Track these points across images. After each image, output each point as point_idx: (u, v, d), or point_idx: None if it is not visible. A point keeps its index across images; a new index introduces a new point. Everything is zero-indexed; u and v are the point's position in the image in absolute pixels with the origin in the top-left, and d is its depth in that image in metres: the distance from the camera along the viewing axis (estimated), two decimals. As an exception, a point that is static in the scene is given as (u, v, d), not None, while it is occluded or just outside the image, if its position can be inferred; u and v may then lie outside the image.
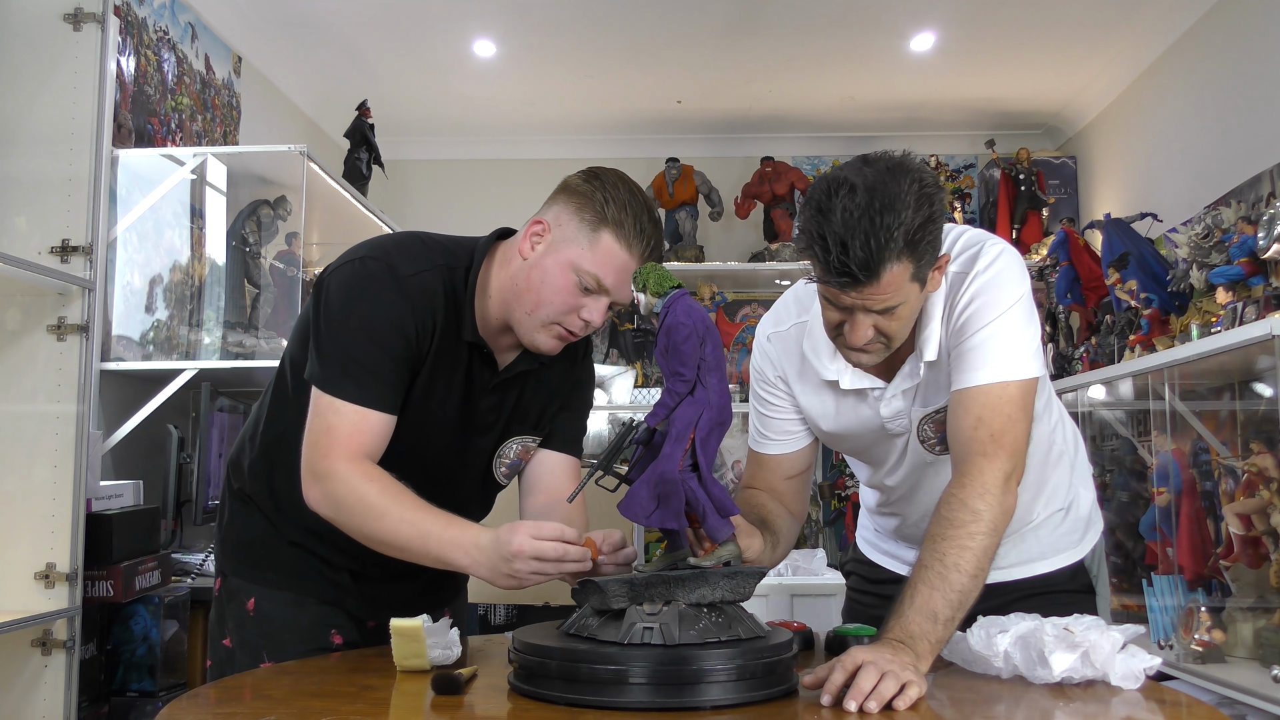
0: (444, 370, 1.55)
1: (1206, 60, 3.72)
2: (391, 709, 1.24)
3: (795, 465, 1.66)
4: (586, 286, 1.49)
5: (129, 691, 2.54)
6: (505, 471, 1.69)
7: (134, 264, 3.14)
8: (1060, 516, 1.65)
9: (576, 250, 1.49)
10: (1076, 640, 1.28)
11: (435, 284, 1.53)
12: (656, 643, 1.19)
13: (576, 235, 1.50)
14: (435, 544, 1.42)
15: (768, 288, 4.96)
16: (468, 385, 1.58)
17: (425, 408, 1.55)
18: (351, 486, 1.44)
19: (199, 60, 3.72)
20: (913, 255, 1.32)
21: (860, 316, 1.37)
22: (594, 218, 1.49)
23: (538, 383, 1.64)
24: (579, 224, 1.50)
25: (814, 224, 1.32)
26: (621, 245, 1.49)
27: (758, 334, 1.66)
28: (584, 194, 1.51)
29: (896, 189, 1.29)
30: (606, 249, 1.49)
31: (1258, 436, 2.55)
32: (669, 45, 4.19)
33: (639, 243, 1.50)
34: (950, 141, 5.16)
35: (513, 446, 1.67)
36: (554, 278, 1.50)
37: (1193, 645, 2.50)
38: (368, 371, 1.48)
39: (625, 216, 1.49)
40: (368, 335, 1.49)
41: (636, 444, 1.31)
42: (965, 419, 1.41)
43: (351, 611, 1.65)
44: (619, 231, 1.49)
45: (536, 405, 1.66)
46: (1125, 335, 3.25)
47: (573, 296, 1.50)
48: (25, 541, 2.26)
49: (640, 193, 1.54)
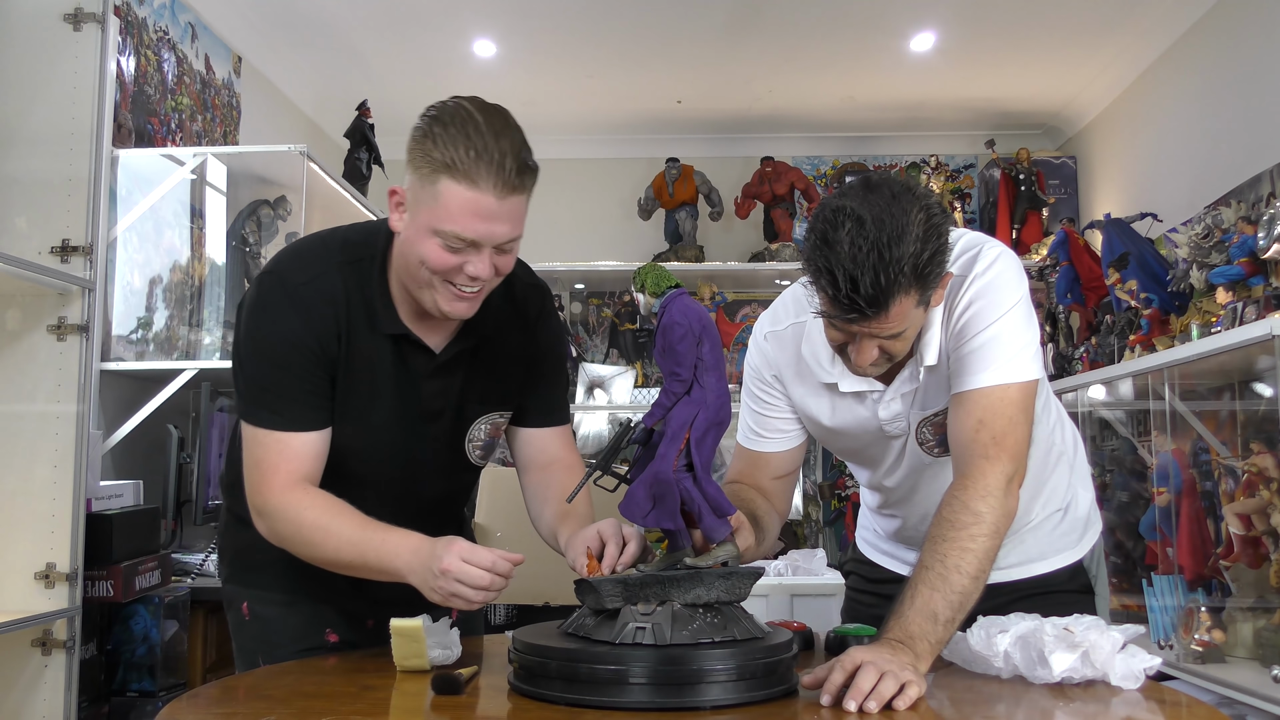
0: (366, 369, 1.49)
1: (1206, 60, 3.72)
2: (391, 709, 1.24)
3: (785, 465, 1.66)
4: (452, 247, 1.37)
5: (129, 691, 2.54)
6: (480, 453, 1.63)
7: (134, 264, 3.14)
8: (1059, 517, 1.65)
9: (427, 211, 1.36)
10: (1076, 640, 1.28)
11: (333, 286, 1.46)
12: (648, 642, 1.19)
13: (421, 194, 1.37)
14: (374, 555, 1.40)
15: (768, 288, 4.96)
16: (402, 376, 1.51)
17: (361, 409, 1.50)
18: (289, 519, 1.44)
19: (199, 60, 3.72)
20: (920, 285, 1.31)
21: (865, 342, 1.37)
22: (429, 168, 1.35)
23: (490, 358, 1.56)
24: (420, 181, 1.37)
25: (820, 257, 1.30)
26: (465, 185, 1.33)
27: (755, 331, 1.65)
28: (415, 146, 1.38)
29: (904, 220, 1.28)
30: (450, 198, 1.34)
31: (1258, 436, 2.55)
32: (669, 45, 4.19)
33: (485, 172, 1.33)
34: (950, 141, 5.16)
35: (481, 427, 1.60)
36: (420, 246, 1.38)
37: (1193, 645, 2.50)
38: (278, 396, 1.45)
39: (457, 152, 1.33)
40: (269, 359, 1.45)
41: (634, 444, 1.31)
42: (967, 421, 1.41)
43: (348, 610, 1.63)
44: (455, 173, 1.33)
45: (495, 381, 1.58)
46: (1125, 335, 3.25)
47: (446, 258, 1.38)
48: (25, 541, 2.26)
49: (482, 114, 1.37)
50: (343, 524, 1.42)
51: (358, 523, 1.43)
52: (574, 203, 5.07)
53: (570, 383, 4.61)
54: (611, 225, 5.10)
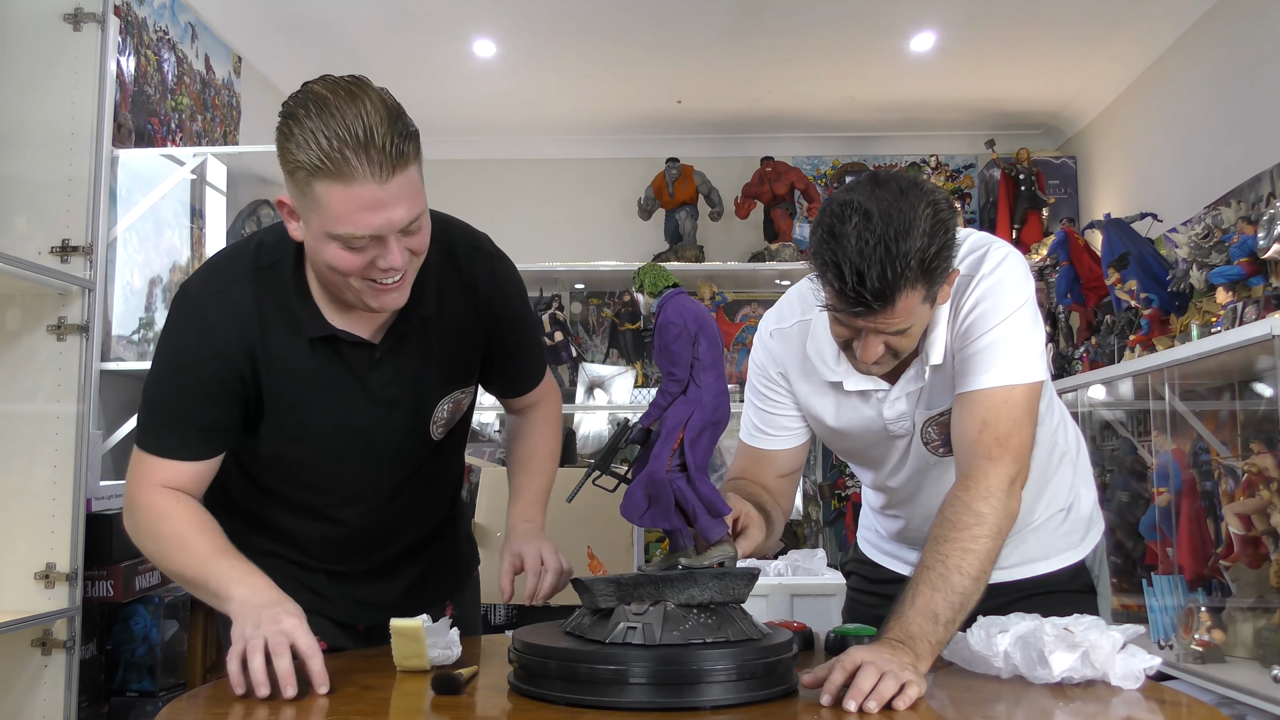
0: (295, 377, 1.42)
1: (1206, 60, 3.72)
2: (391, 709, 1.24)
3: (789, 463, 1.66)
4: (354, 246, 1.28)
5: (129, 691, 2.54)
6: (441, 430, 1.57)
7: (134, 264, 3.14)
8: (1061, 517, 1.65)
9: (316, 218, 1.27)
10: (1076, 640, 1.28)
11: (243, 296, 1.39)
12: (637, 642, 1.19)
13: (304, 202, 1.28)
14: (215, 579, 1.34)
15: (768, 288, 4.96)
16: (340, 377, 1.44)
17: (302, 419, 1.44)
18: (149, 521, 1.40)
19: (199, 60, 3.72)
20: (927, 280, 1.31)
21: (871, 337, 1.37)
22: (302, 175, 1.25)
23: (440, 335, 1.49)
24: (298, 190, 1.27)
25: (827, 250, 1.30)
26: (340, 184, 1.23)
27: (760, 328, 1.65)
28: (280, 150, 1.28)
29: (911, 214, 1.28)
30: (331, 201, 1.24)
31: (1258, 436, 2.55)
32: (669, 45, 4.19)
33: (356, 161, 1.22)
34: (950, 141, 5.16)
35: (444, 407, 1.54)
36: (325, 253, 1.30)
37: (1193, 645, 2.50)
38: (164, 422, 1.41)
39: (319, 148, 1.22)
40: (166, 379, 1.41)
41: (631, 444, 1.31)
42: (970, 422, 1.41)
43: (335, 618, 1.59)
44: (325, 173, 1.23)
45: (449, 359, 1.51)
46: (1125, 335, 3.25)
47: (352, 259, 1.29)
48: (25, 541, 2.26)
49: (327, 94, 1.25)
50: (198, 541, 1.38)
51: (215, 544, 1.38)
52: (574, 203, 5.07)
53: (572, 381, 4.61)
54: (611, 225, 5.09)
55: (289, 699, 1.22)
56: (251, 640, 1.25)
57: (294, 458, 1.49)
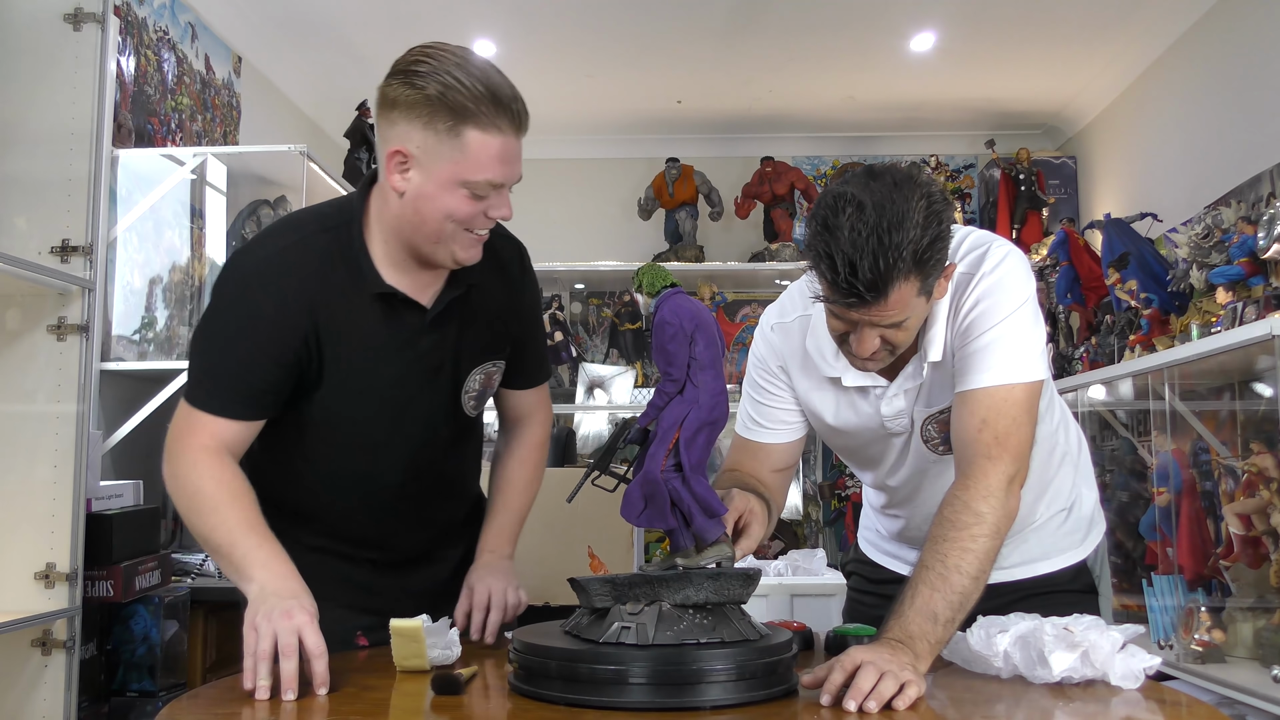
0: (356, 335, 1.48)
1: (1206, 60, 3.72)
2: (391, 709, 1.24)
3: (784, 458, 1.65)
4: (479, 194, 1.39)
5: (129, 691, 2.54)
6: (474, 403, 1.63)
7: (134, 264, 3.14)
8: (1063, 517, 1.65)
9: (451, 165, 1.37)
10: (1076, 640, 1.28)
11: (307, 255, 1.45)
12: (630, 642, 1.19)
13: (440, 148, 1.37)
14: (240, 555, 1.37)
15: (768, 288, 4.96)
16: (396, 333, 1.50)
17: (358, 369, 1.49)
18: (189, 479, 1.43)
19: (199, 60, 3.72)
20: (920, 273, 1.31)
21: (866, 330, 1.37)
22: (448, 119, 1.35)
23: (480, 306, 1.56)
24: (436, 136, 1.36)
25: (820, 242, 1.30)
26: (491, 131, 1.36)
27: (761, 322, 1.65)
28: (420, 101, 1.36)
29: (905, 206, 1.28)
30: (480, 146, 1.36)
31: (1258, 436, 2.54)
32: (669, 45, 4.19)
33: (504, 114, 1.37)
34: (950, 141, 5.16)
35: (476, 378, 1.60)
36: (444, 200, 1.39)
37: (1193, 645, 2.50)
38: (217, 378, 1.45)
39: (476, 100, 1.35)
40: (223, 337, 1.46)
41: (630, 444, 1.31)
42: (970, 421, 1.40)
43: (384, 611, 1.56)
44: (479, 120, 1.35)
45: (487, 328, 1.59)
46: (1125, 335, 3.25)
47: (471, 206, 1.40)
48: (25, 541, 2.25)
49: (462, 53, 1.39)
50: (231, 509, 1.40)
51: (248, 517, 1.40)
52: (574, 203, 5.07)
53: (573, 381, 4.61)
54: (611, 225, 5.10)
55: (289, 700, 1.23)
56: (262, 638, 1.26)
57: (342, 418, 1.53)
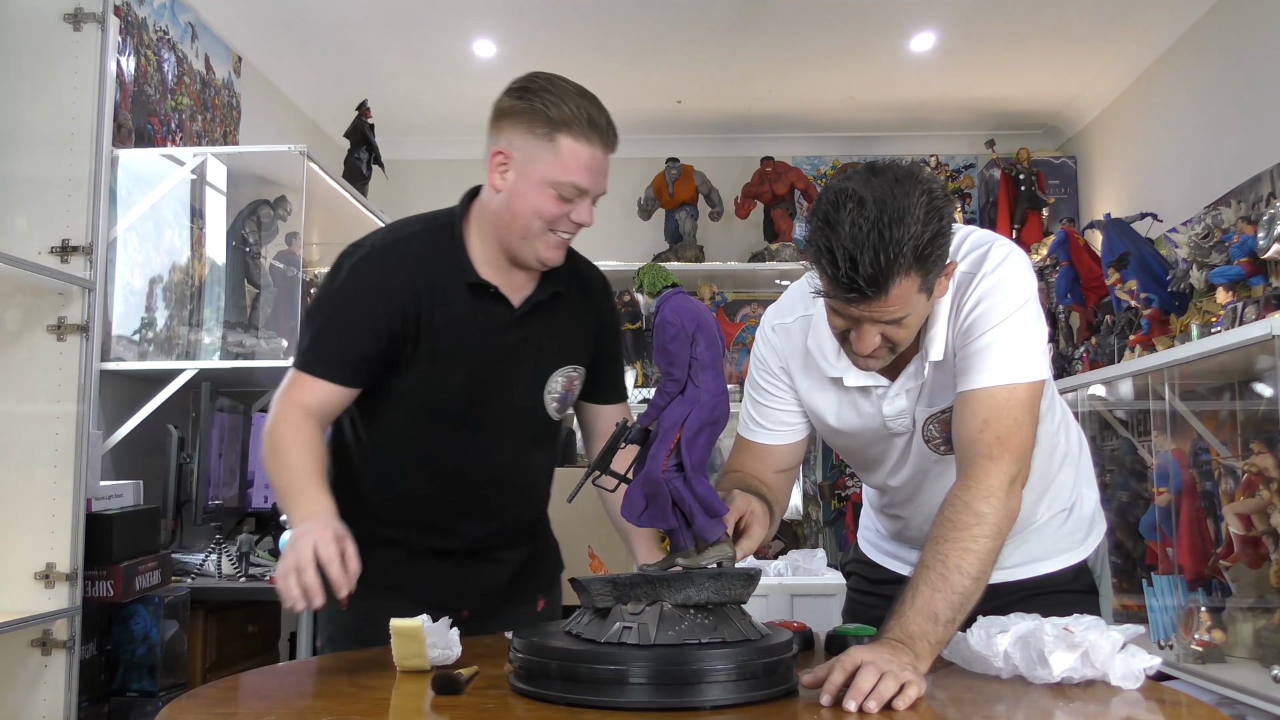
0: (449, 323, 1.63)
1: (1206, 60, 3.72)
2: (391, 709, 1.24)
3: (786, 459, 1.65)
4: (566, 196, 1.56)
5: (129, 691, 2.54)
6: (556, 405, 1.75)
7: (134, 264, 3.14)
8: (1064, 517, 1.65)
9: (544, 166, 1.55)
10: (1076, 640, 1.28)
11: (413, 247, 1.63)
12: (631, 642, 1.19)
13: (538, 151, 1.55)
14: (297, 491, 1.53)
15: (768, 288, 4.96)
16: (483, 324, 1.64)
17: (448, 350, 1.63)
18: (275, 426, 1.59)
19: (199, 60, 3.72)
20: (921, 269, 1.31)
21: (867, 327, 1.37)
22: (545, 127, 1.54)
23: (563, 313, 1.71)
24: (534, 139, 1.55)
25: (821, 237, 1.30)
26: (582, 141, 1.55)
27: (762, 322, 1.65)
28: (525, 110, 1.56)
29: (905, 202, 1.28)
30: (571, 152, 1.54)
31: (1258, 436, 2.55)
32: (669, 45, 4.19)
33: (598, 132, 1.56)
34: (950, 141, 5.16)
35: (558, 379, 1.73)
36: (534, 198, 1.56)
37: (1193, 645, 2.50)
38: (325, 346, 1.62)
39: (573, 113, 1.54)
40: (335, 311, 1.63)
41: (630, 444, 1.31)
42: (971, 421, 1.40)
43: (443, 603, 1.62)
44: (575, 130, 1.54)
45: (569, 335, 1.73)
46: (1125, 335, 3.25)
47: (557, 206, 1.57)
48: (25, 541, 2.25)
49: (576, 86, 1.59)
50: (296, 454, 1.57)
51: (310, 464, 1.57)
52: (574, 203, 5.07)
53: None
54: (611, 225, 5.09)
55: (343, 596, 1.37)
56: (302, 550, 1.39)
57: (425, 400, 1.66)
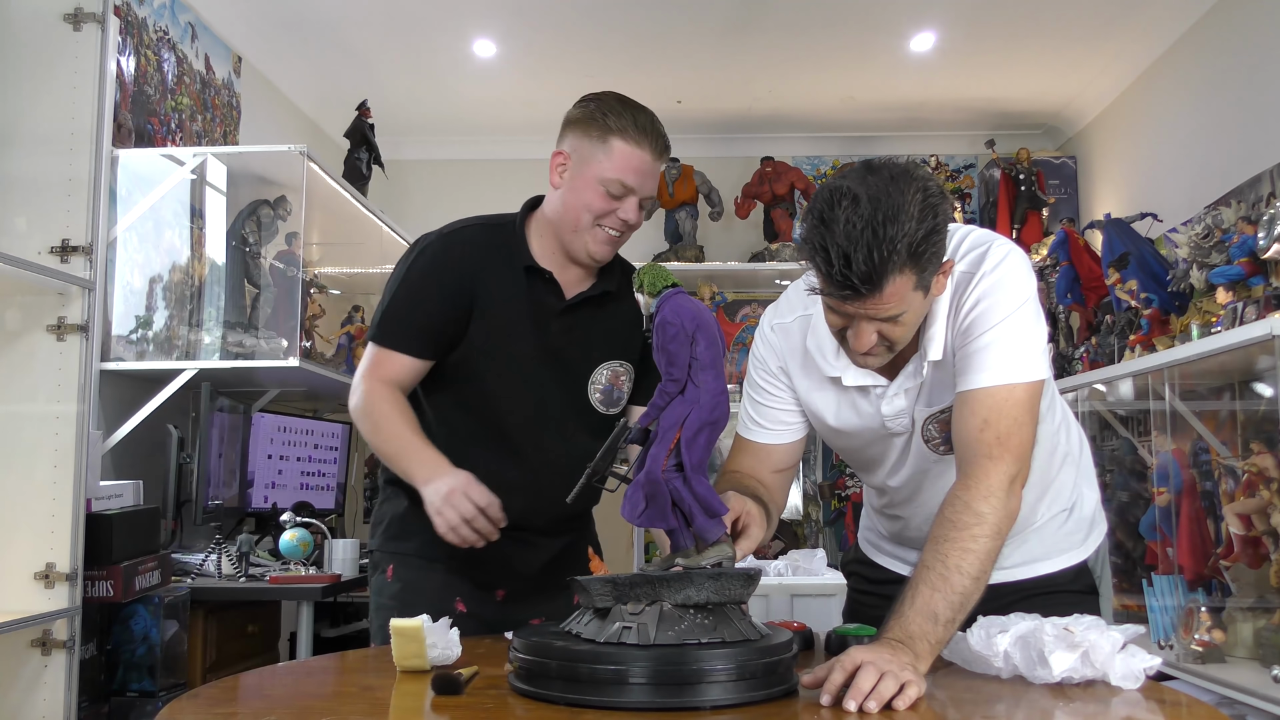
0: (504, 304, 1.76)
1: (1206, 60, 3.72)
2: (391, 709, 1.24)
3: (784, 458, 1.65)
4: (614, 193, 1.71)
5: (129, 691, 2.54)
6: (600, 398, 1.83)
7: (134, 264, 3.14)
8: (1064, 517, 1.65)
9: (597, 165, 1.71)
10: (1076, 640, 1.28)
11: (476, 235, 1.79)
12: (631, 641, 1.19)
13: (592, 152, 1.72)
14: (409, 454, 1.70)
15: (768, 288, 4.96)
16: (537, 310, 1.77)
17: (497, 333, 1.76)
18: (368, 400, 1.75)
19: (199, 60, 3.72)
20: (916, 266, 1.31)
21: (863, 324, 1.37)
22: (600, 131, 1.72)
23: (612, 311, 1.82)
24: (590, 142, 1.72)
25: (816, 234, 1.31)
26: (633, 145, 1.71)
27: (762, 322, 1.65)
28: (586, 116, 1.75)
29: (900, 199, 1.28)
30: (621, 153, 1.71)
31: (1258, 436, 2.55)
32: (669, 45, 4.19)
33: (647, 139, 1.72)
34: (950, 141, 5.16)
35: (603, 372, 1.82)
36: (586, 194, 1.72)
37: (1193, 645, 2.50)
38: (400, 322, 1.76)
39: (626, 121, 1.72)
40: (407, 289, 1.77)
41: (630, 444, 1.31)
42: (971, 421, 1.40)
43: (480, 581, 1.80)
44: (626, 135, 1.71)
45: (615, 331, 1.82)
46: (1125, 335, 3.25)
47: (606, 203, 1.72)
48: (25, 541, 2.25)
49: (634, 101, 1.77)
50: (398, 421, 1.73)
51: (410, 427, 1.73)
52: (574, 203, 5.07)
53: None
54: (611, 225, 5.09)
55: None
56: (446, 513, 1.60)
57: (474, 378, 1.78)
